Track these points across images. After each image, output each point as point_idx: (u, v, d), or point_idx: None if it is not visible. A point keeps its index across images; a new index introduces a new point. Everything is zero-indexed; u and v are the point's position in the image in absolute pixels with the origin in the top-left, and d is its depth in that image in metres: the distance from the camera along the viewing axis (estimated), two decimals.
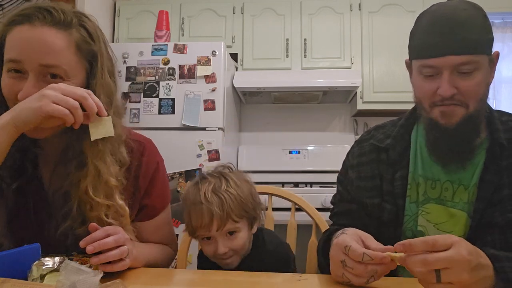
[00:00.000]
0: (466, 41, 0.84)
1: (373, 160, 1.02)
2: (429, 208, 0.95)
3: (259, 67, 3.06)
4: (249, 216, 0.99)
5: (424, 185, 0.96)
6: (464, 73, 0.86)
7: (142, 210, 1.01)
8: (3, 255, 0.72)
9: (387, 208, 0.96)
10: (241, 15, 3.14)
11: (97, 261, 0.78)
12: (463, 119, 0.87)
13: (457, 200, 0.92)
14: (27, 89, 0.78)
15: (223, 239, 0.95)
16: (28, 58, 0.78)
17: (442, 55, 0.86)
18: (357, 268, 0.74)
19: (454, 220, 0.92)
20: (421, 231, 0.95)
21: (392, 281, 0.85)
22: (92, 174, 0.85)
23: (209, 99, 2.51)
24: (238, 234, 0.97)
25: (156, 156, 1.07)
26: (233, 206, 0.94)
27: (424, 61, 0.89)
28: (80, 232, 0.85)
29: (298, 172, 3.06)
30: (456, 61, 0.85)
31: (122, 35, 3.19)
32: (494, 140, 0.91)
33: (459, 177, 0.93)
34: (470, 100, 0.87)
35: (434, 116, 0.90)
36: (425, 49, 0.89)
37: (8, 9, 2.56)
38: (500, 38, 3.19)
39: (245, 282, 0.85)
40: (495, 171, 0.89)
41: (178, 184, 2.44)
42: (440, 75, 0.87)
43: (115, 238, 0.81)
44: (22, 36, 0.79)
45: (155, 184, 1.04)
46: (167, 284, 0.87)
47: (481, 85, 0.88)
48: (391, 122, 1.08)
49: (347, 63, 3.03)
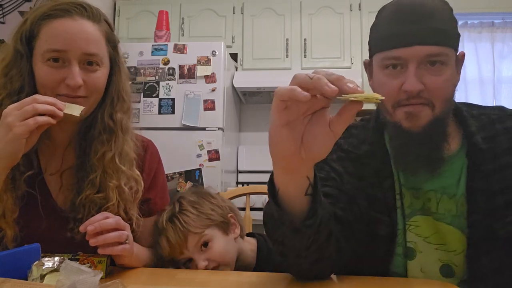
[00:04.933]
0: (435, 31, 0.76)
1: (353, 159, 0.90)
2: (417, 220, 0.86)
3: (259, 67, 3.07)
4: (217, 224, 0.99)
5: (409, 195, 0.86)
6: (432, 67, 0.77)
7: (143, 205, 1.02)
8: (3, 255, 0.72)
9: (384, 221, 0.86)
10: (241, 15, 3.15)
11: (95, 242, 0.79)
12: (429, 123, 0.78)
13: (442, 211, 0.84)
14: (76, 75, 0.85)
15: (199, 253, 0.96)
16: (73, 48, 0.85)
17: (409, 45, 0.76)
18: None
19: (442, 234, 0.84)
20: (411, 248, 0.86)
21: (392, 281, 0.85)
22: (119, 145, 0.93)
23: (209, 99, 2.51)
24: (212, 243, 0.97)
25: (157, 155, 1.11)
26: (191, 221, 0.96)
27: (387, 53, 0.79)
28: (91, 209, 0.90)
29: None
30: (424, 52, 0.76)
31: (122, 35, 3.18)
32: (472, 144, 0.83)
33: (442, 185, 0.84)
34: (437, 100, 0.78)
35: (397, 119, 0.80)
36: (389, 40, 0.79)
37: (8, 9, 2.56)
38: (500, 38, 3.19)
39: (245, 282, 0.85)
40: (481, 177, 0.81)
41: (178, 184, 2.44)
42: (405, 70, 0.78)
43: (115, 220, 0.83)
44: (66, 28, 0.86)
45: (157, 180, 1.07)
46: (167, 284, 0.87)
47: (449, 83, 0.80)
48: (361, 125, 0.96)
49: (347, 63, 3.03)
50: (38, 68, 0.86)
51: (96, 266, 0.81)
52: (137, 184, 0.96)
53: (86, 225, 0.80)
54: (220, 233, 0.99)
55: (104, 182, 0.91)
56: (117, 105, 0.95)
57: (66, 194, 0.94)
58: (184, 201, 1.01)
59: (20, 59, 0.87)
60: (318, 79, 0.52)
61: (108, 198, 0.91)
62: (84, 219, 0.89)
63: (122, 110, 0.97)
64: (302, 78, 0.54)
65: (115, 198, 0.91)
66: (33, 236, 0.84)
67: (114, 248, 0.82)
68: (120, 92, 0.96)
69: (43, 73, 0.86)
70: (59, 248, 0.83)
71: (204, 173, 2.42)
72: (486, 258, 0.80)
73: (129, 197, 0.94)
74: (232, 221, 1.03)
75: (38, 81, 0.87)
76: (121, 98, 0.97)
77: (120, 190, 0.92)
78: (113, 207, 0.91)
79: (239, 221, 1.06)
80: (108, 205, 0.90)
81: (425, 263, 0.85)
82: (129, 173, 0.94)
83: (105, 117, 0.94)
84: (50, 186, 0.94)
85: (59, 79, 0.85)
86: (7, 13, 2.56)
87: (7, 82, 0.87)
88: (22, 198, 0.87)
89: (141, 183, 0.97)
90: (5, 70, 0.88)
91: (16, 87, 0.86)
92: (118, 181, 0.92)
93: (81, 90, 0.86)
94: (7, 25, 2.53)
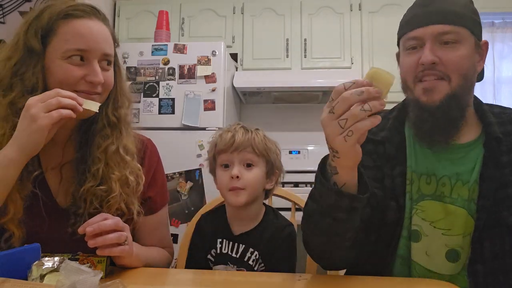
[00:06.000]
0: (447, 11, 0.86)
1: (370, 152, 0.96)
2: (424, 205, 0.91)
3: (259, 67, 3.07)
4: (269, 160, 1.05)
5: (418, 181, 0.92)
6: (447, 44, 0.86)
7: (143, 204, 1.02)
8: (3, 255, 0.72)
9: (391, 207, 0.91)
10: (241, 15, 3.15)
11: (94, 244, 0.80)
12: (446, 97, 0.85)
13: (456, 196, 0.88)
14: (99, 73, 0.89)
15: (239, 166, 1.02)
16: (95, 48, 0.89)
17: (424, 25, 0.87)
18: (344, 98, 0.66)
19: (452, 218, 0.88)
20: (416, 230, 0.91)
21: (392, 281, 0.85)
22: (122, 139, 0.97)
23: (209, 99, 2.51)
24: (254, 168, 1.03)
25: (157, 153, 1.12)
26: (257, 141, 1.03)
27: (408, 35, 0.90)
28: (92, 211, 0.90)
29: (298, 172, 3.06)
30: (438, 30, 0.85)
31: (122, 35, 3.19)
32: (490, 134, 0.89)
33: (457, 172, 0.89)
34: (453, 73, 0.85)
35: (417, 95, 0.89)
36: (409, 23, 0.90)
37: (8, 9, 2.56)
38: (500, 38, 3.19)
39: (245, 282, 0.85)
40: (495, 167, 0.86)
41: (178, 184, 2.44)
42: (423, 47, 0.87)
43: (114, 221, 0.83)
44: (89, 28, 0.90)
45: (157, 178, 1.08)
46: (167, 284, 0.87)
47: (464, 59, 0.86)
48: (382, 114, 1.01)
49: (347, 63, 3.03)
50: (56, 65, 0.87)
51: (96, 266, 0.81)
52: (138, 177, 0.98)
53: (85, 226, 0.80)
54: (264, 168, 1.05)
55: (107, 173, 0.93)
56: (120, 101, 0.99)
57: (66, 188, 0.94)
58: (262, 130, 1.09)
59: (32, 56, 0.87)
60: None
61: (110, 190, 0.91)
62: (85, 213, 0.89)
63: (125, 106, 1.00)
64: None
65: (118, 190, 0.92)
66: (34, 236, 0.84)
67: (113, 249, 0.82)
68: (122, 89, 1.00)
69: (62, 70, 0.87)
70: (60, 247, 0.83)
71: (204, 173, 2.42)
72: (489, 243, 0.84)
73: (131, 189, 0.95)
74: (275, 175, 1.09)
75: (56, 78, 0.87)
76: (124, 95, 1.00)
77: (123, 181, 0.94)
78: (115, 200, 0.91)
79: (277, 183, 1.11)
80: (110, 198, 0.91)
81: (431, 247, 0.89)
82: (132, 164, 0.97)
83: (109, 113, 0.97)
84: (50, 184, 0.94)
85: (80, 76, 0.88)
86: (7, 13, 2.56)
87: (17, 81, 0.87)
88: (27, 198, 0.87)
89: (142, 176, 0.99)
90: (14, 68, 0.88)
91: (29, 86, 0.86)
92: (121, 172, 0.94)
93: (99, 87, 0.90)
94: (7, 25, 2.53)
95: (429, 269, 0.89)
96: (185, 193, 2.44)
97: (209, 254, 1.04)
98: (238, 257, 1.01)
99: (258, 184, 1.04)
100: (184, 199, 2.44)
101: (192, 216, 1.28)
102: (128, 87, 1.05)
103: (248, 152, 1.02)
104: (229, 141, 1.02)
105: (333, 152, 0.72)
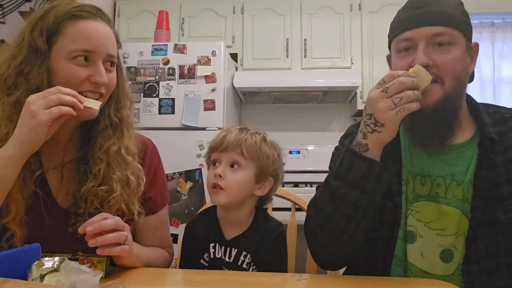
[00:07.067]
0: (440, 13, 0.86)
1: None
2: (418, 207, 0.91)
3: (259, 67, 3.07)
4: (259, 165, 1.01)
5: (413, 182, 0.92)
6: (440, 46, 0.85)
7: (144, 204, 1.02)
8: (3, 255, 0.72)
9: (388, 206, 0.91)
10: (241, 15, 3.15)
11: (94, 243, 0.80)
12: (440, 99, 0.85)
13: (450, 196, 0.89)
14: (104, 74, 0.90)
15: (226, 165, 1.00)
16: (101, 49, 0.90)
17: (417, 26, 0.86)
18: (401, 82, 0.78)
19: (446, 218, 0.88)
20: (411, 232, 0.91)
21: (392, 281, 0.85)
22: (124, 140, 0.97)
23: (209, 99, 2.51)
24: (239, 170, 1.00)
25: (157, 153, 1.13)
26: (248, 144, 1.01)
27: (399, 36, 0.89)
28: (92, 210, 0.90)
29: (298, 172, 3.06)
30: (431, 31, 0.85)
31: (122, 35, 3.16)
32: (484, 134, 0.89)
33: (452, 172, 0.90)
34: (446, 76, 0.85)
35: None
36: (401, 24, 0.90)
37: (8, 9, 2.56)
38: (500, 38, 3.19)
39: (245, 282, 0.85)
40: (489, 167, 0.87)
41: (178, 184, 2.44)
42: (415, 49, 0.86)
43: (114, 220, 0.83)
44: (95, 30, 0.90)
45: (157, 178, 1.08)
46: (167, 284, 0.87)
47: (457, 62, 0.86)
48: None
49: (347, 63, 3.03)
50: (61, 65, 0.88)
51: (96, 266, 0.81)
52: (139, 177, 0.98)
53: (85, 226, 0.80)
54: (251, 174, 1.01)
55: (108, 174, 0.93)
56: (122, 102, 1.00)
57: (67, 187, 0.94)
58: (262, 133, 1.07)
59: (37, 56, 0.87)
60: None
61: (111, 190, 0.92)
62: (86, 213, 0.89)
63: (127, 107, 1.01)
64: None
65: (119, 190, 0.92)
66: (34, 235, 0.84)
67: (112, 249, 0.82)
68: (124, 90, 1.01)
69: (67, 70, 0.88)
70: (60, 247, 0.83)
71: (204, 173, 2.42)
72: (483, 242, 0.84)
73: (132, 189, 0.95)
74: (268, 182, 1.04)
75: (61, 78, 0.88)
76: (125, 96, 1.01)
77: (124, 182, 0.94)
78: (115, 200, 0.91)
79: (272, 191, 1.07)
80: (110, 198, 0.91)
81: (426, 248, 0.89)
82: (133, 164, 0.97)
83: (111, 114, 0.97)
84: (51, 184, 0.94)
85: (85, 77, 0.88)
86: (7, 13, 2.56)
87: (22, 81, 0.87)
88: (28, 198, 0.87)
89: (143, 177, 0.99)
90: (19, 68, 0.88)
91: (34, 85, 0.86)
92: (122, 173, 0.94)
93: (102, 88, 0.91)
94: (7, 25, 2.53)
95: (424, 270, 0.89)
96: (185, 193, 2.44)
97: (202, 258, 1.03)
98: (231, 261, 1.00)
99: (242, 187, 1.00)
100: (184, 199, 2.44)
101: (192, 216, 1.27)
102: (129, 88, 1.05)
103: (236, 153, 1.00)
104: (220, 140, 1.02)
105: (375, 126, 0.81)
